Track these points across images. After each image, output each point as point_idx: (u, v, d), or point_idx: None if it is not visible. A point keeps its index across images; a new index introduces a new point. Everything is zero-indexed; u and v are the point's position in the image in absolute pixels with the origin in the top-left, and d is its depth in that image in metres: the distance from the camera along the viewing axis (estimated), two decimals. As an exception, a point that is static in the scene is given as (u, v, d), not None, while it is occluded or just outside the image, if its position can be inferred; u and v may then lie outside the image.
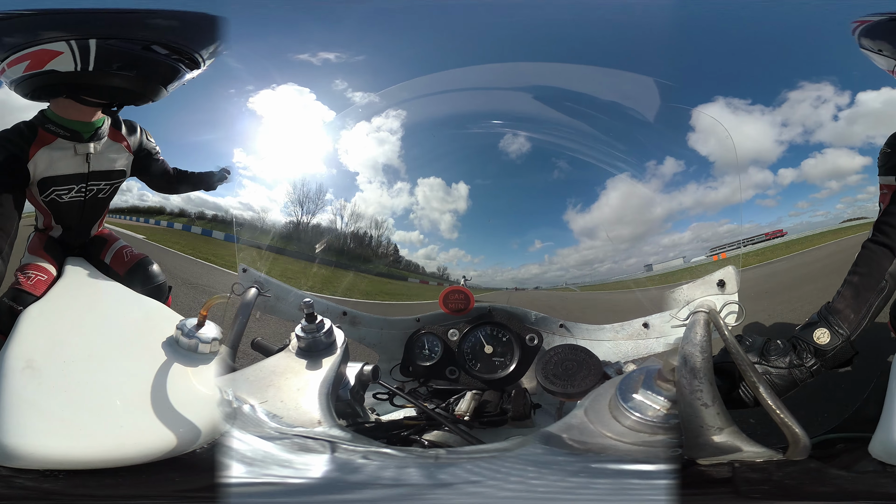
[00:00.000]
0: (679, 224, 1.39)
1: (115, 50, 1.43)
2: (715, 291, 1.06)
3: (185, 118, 1.66)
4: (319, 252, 1.53)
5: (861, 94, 1.51)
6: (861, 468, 0.83)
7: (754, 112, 1.64)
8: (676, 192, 1.37)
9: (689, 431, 0.84)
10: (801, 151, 1.64)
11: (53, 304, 1.31)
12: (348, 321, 1.47)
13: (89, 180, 1.71)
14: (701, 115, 1.34)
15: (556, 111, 1.45)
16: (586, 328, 1.38)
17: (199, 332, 1.14)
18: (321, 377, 0.96)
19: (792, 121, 1.63)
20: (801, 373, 1.04)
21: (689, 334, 0.93)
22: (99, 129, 1.68)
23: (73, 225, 1.79)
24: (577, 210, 1.42)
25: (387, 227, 1.53)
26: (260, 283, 1.31)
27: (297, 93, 2.15)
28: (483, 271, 1.46)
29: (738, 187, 1.28)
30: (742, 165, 1.47)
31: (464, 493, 0.63)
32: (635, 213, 1.41)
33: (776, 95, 1.62)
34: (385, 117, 1.48)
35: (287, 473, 0.70)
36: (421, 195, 1.48)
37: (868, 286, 1.09)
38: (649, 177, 1.38)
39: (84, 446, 0.89)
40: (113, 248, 1.86)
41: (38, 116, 1.61)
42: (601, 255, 1.43)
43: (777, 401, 0.81)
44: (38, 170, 1.61)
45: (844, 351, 1.05)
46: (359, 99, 1.67)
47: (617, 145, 1.37)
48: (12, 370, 0.99)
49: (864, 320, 1.07)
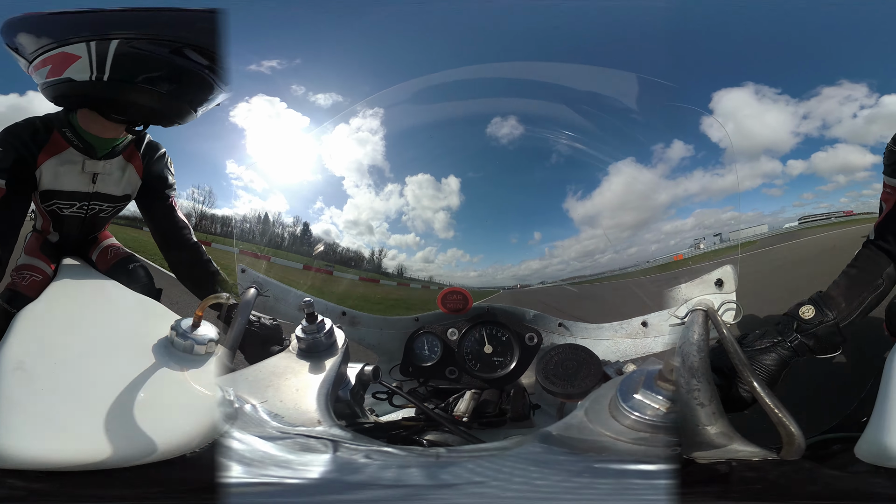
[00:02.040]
0: (682, 211, 1.37)
1: (136, 56, 1.26)
2: (713, 290, 1.07)
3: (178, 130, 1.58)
4: (317, 255, 1.51)
5: (886, 96, 1.53)
6: (855, 469, 0.84)
7: (779, 102, 1.65)
8: (682, 177, 1.34)
9: (685, 430, 0.84)
10: (814, 144, 1.67)
11: (46, 304, 1.29)
12: (347, 321, 1.46)
13: (92, 200, 1.61)
14: (705, 113, 1.32)
15: (549, 102, 1.41)
16: (585, 327, 1.39)
17: (195, 333, 1.12)
18: (321, 377, 0.96)
19: (814, 114, 1.65)
20: (783, 349, 1.05)
21: (687, 333, 0.94)
22: (116, 147, 1.55)
23: (71, 235, 1.71)
24: (578, 197, 1.37)
25: (381, 233, 1.48)
26: (259, 284, 1.31)
27: (269, 103, 2.08)
28: (483, 271, 1.43)
29: (745, 174, 1.28)
30: (753, 154, 1.47)
31: (467, 493, 0.64)
32: (639, 199, 1.37)
33: (810, 88, 1.63)
34: (363, 117, 1.43)
35: (287, 473, 0.70)
36: (411, 195, 1.42)
37: (864, 281, 1.12)
38: (655, 161, 1.34)
39: (76, 448, 0.88)
40: (100, 246, 1.76)
41: (60, 115, 1.49)
42: (602, 245, 1.39)
43: (774, 399, 0.82)
44: (43, 180, 1.52)
45: (831, 334, 1.06)
46: (336, 103, 1.63)
47: (621, 129, 1.33)
48: (3, 372, 0.97)
49: (854, 312, 1.09)
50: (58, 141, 1.49)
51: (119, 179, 1.60)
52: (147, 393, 1.00)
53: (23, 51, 1.39)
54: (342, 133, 1.46)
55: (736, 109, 1.55)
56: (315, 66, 1.69)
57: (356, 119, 1.44)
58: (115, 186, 1.60)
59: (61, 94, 1.39)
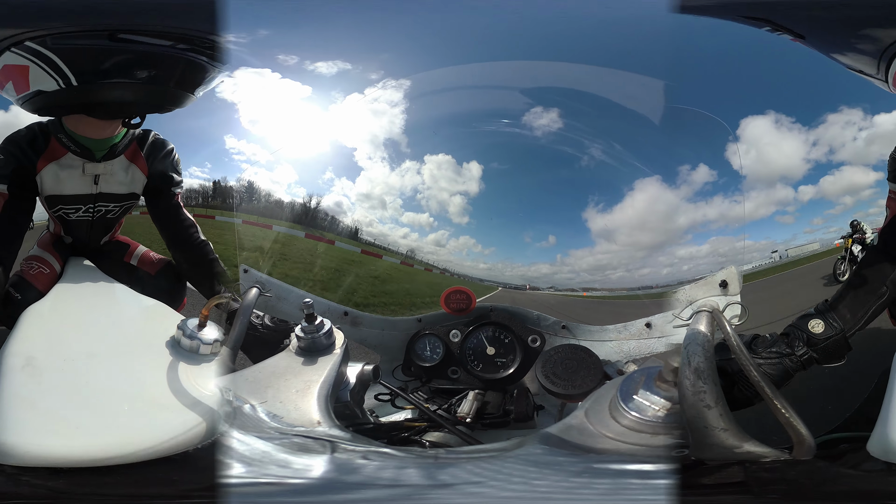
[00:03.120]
0: (699, 236, 1.33)
1: (93, 51, 1.17)
2: (717, 292, 1.05)
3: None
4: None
5: (878, 116, 1.51)
6: (868, 467, 0.83)
7: (794, 130, 1.62)
8: (703, 202, 1.30)
9: (694, 433, 0.83)
10: (822, 169, 1.65)
11: (54, 302, 1.30)
12: (349, 321, 1.46)
13: (97, 201, 1.57)
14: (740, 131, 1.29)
15: (590, 106, 1.36)
16: (588, 329, 1.37)
17: (201, 334, 1.13)
18: (321, 377, 0.96)
19: (822, 140, 1.63)
20: (791, 362, 1.03)
21: (693, 335, 0.93)
22: (115, 145, 1.49)
23: (82, 238, 1.70)
24: (599, 209, 1.33)
25: (394, 208, 1.42)
26: (261, 284, 1.31)
27: (258, 74, 1.98)
28: (493, 265, 1.39)
29: (760, 202, 1.27)
30: (770, 181, 1.45)
31: (465, 493, 0.63)
32: (659, 220, 1.34)
33: (818, 116, 1.60)
34: (383, 88, 1.37)
35: (286, 473, 0.70)
36: (428, 174, 1.36)
37: (868, 291, 1.10)
38: (680, 183, 1.31)
39: (83, 444, 0.88)
40: (137, 252, 1.74)
41: (54, 121, 1.45)
42: (615, 262, 1.36)
43: (782, 401, 0.80)
44: (45, 186, 1.50)
45: (839, 345, 1.05)
46: (343, 71, 1.51)
47: (647, 147, 1.30)
48: (12, 368, 0.99)
49: (860, 322, 1.08)
50: (56, 147, 1.47)
51: (123, 179, 1.57)
52: (152, 392, 1.01)
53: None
54: (356, 103, 1.42)
55: (759, 137, 1.57)
56: (315, 33, 1.58)
57: (373, 90, 1.40)
58: (119, 185, 1.57)
59: (41, 108, 1.34)
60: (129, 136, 1.53)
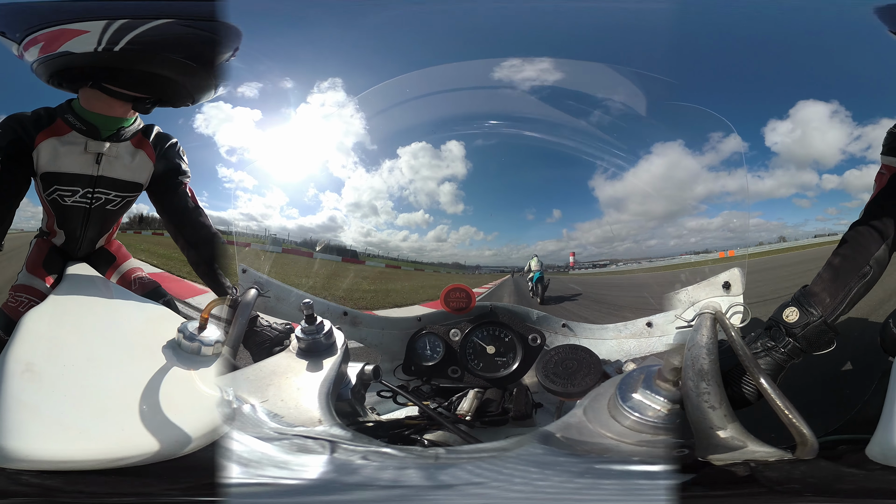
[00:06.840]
0: (713, 208, 1.22)
1: (155, 31, 1.21)
2: (720, 293, 1.05)
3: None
4: (320, 251, 1.47)
5: None
6: (871, 466, 0.83)
7: (845, 122, 1.58)
8: (725, 172, 1.17)
9: (698, 433, 0.84)
10: (852, 162, 1.61)
11: (54, 307, 1.30)
12: (349, 321, 1.46)
13: (97, 186, 1.51)
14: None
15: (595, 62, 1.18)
16: (589, 327, 1.37)
17: (202, 336, 1.14)
18: (321, 377, 0.96)
19: (865, 138, 1.60)
20: (778, 353, 1.02)
21: (696, 336, 0.93)
22: (122, 128, 1.47)
23: (76, 233, 1.62)
24: (608, 176, 1.20)
25: (386, 212, 1.36)
26: (260, 284, 1.31)
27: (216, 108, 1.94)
28: (498, 249, 1.31)
29: (786, 182, 1.21)
30: (801, 163, 1.38)
31: (467, 494, 0.63)
32: (675, 188, 1.22)
33: (874, 116, 1.56)
34: (320, 92, 1.31)
35: (287, 474, 0.69)
36: (407, 167, 1.26)
37: (849, 270, 1.04)
38: (706, 149, 1.17)
39: (83, 448, 0.89)
40: (120, 269, 1.69)
41: (63, 105, 1.44)
42: (623, 233, 1.25)
43: (785, 401, 0.80)
44: (41, 161, 1.44)
45: (821, 332, 1.01)
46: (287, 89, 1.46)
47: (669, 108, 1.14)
48: (12, 373, 0.99)
49: (841, 305, 1.02)
50: (60, 125, 1.44)
51: (128, 164, 1.52)
52: (155, 394, 1.01)
53: (10, 33, 1.34)
54: (306, 115, 1.35)
55: (809, 120, 1.54)
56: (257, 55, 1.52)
57: (315, 96, 1.34)
58: (123, 170, 1.52)
59: (58, 70, 1.32)
60: (135, 125, 1.52)
